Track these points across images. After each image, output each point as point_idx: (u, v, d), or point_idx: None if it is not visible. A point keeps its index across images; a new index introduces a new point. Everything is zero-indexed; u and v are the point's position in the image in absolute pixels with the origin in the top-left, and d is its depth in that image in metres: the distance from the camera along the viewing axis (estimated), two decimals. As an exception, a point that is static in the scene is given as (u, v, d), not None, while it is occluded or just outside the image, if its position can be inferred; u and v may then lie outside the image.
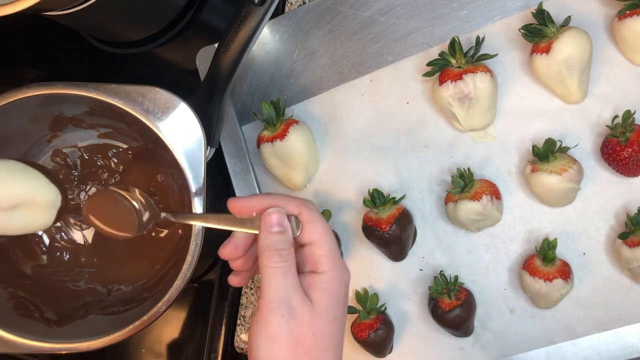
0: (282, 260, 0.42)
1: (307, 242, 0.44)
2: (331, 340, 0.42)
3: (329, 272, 0.43)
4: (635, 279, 0.56)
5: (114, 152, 0.67)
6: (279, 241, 0.43)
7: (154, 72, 0.74)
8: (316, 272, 0.43)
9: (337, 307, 0.43)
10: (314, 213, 0.44)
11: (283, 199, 0.45)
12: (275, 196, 0.45)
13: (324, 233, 0.44)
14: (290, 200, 0.45)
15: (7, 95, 0.56)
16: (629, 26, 0.54)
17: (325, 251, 0.43)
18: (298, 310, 0.41)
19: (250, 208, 0.45)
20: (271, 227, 0.43)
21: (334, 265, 0.43)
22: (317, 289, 0.43)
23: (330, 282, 0.43)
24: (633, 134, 0.54)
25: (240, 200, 0.45)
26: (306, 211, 0.44)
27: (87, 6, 0.59)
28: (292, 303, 0.41)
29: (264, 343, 0.41)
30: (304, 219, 0.44)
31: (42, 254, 0.66)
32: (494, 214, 0.58)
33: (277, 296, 0.41)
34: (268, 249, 0.43)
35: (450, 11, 0.62)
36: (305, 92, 0.66)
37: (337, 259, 0.44)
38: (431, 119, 0.62)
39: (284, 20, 0.67)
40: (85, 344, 0.56)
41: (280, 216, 0.44)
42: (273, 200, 0.45)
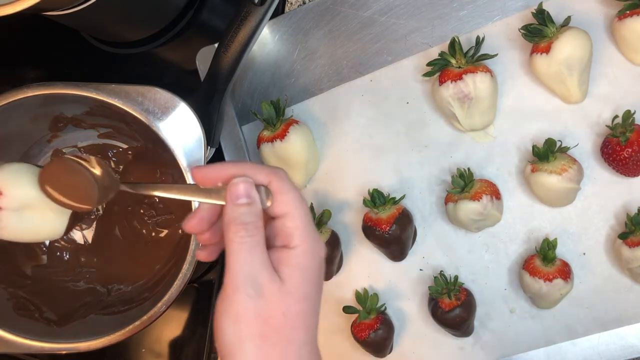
0: (248, 234, 0.39)
1: (278, 214, 0.41)
2: (303, 319, 0.40)
3: (300, 246, 0.40)
4: (635, 279, 0.56)
5: (114, 152, 0.67)
6: (246, 214, 0.40)
7: (154, 72, 0.74)
8: (287, 246, 0.40)
9: (309, 283, 0.40)
10: (285, 182, 0.41)
11: (251, 166, 0.41)
12: (242, 164, 0.42)
13: (296, 204, 0.40)
14: (259, 168, 0.41)
15: (7, 95, 0.56)
16: (629, 26, 0.54)
17: (297, 223, 0.40)
18: (266, 288, 0.38)
19: (214, 177, 0.41)
20: (237, 199, 0.40)
21: (307, 239, 0.40)
22: (288, 265, 0.40)
23: (302, 257, 0.40)
24: (633, 134, 0.54)
25: (204, 169, 0.41)
26: (277, 180, 0.41)
27: (87, 6, 0.59)
28: (259, 280, 0.39)
29: (230, 323, 0.39)
30: (274, 189, 0.41)
31: (42, 254, 0.66)
32: (494, 214, 0.58)
33: (243, 273, 0.38)
34: (233, 222, 0.39)
35: (450, 11, 0.62)
36: (305, 92, 0.66)
37: (311, 232, 0.41)
38: (431, 119, 0.62)
39: (284, 20, 0.67)
40: (85, 344, 0.56)
41: (247, 186, 0.40)
42: (240, 168, 0.41)
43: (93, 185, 0.48)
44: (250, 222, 0.39)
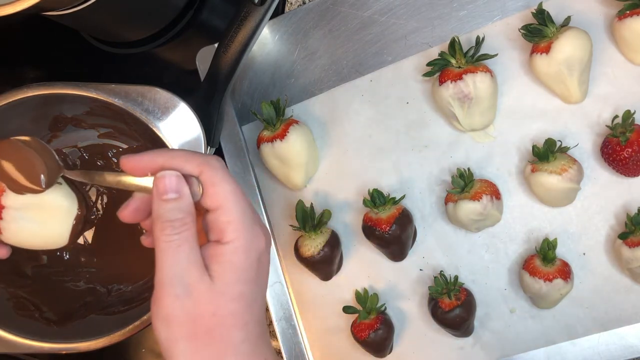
0: (175, 232, 0.37)
1: (211, 207, 0.38)
2: (237, 318, 0.38)
3: (234, 241, 0.38)
4: (635, 279, 0.56)
5: (114, 152, 0.67)
6: (172, 210, 0.37)
7: (154, 72, 0.74)
8: (220, 242, 0.38)
9: (243, 281, 0.38)
10: (218, 172, 0.38)
11: (181, 156, 0.39)
12: (172, 153, 0.39)
13: (229, 196, 0.38)
14: (189, 157, 0.38)
15: (7, 95, 0.56)
16: (629, 26, 0.54)
17: (230, 217, 0.38)
18: (194, 288, 0.37)
19: (143, 167, 0.39)
20: (163, 194, 0.38)
21: (241, 233, 0.38)
22: (220, 262, 0.38)
23: (234, 253, 0.38)
24: (633, 134, 0.54)
25: (132, 158, 0.39)
26: (208, 171, 0.38)
27: (87, 6, 0.59)
28: (186, 280, 0.37)
29: (162, 324, 0.37)
30: (205, 181, 0.38)
31: (42, 254, 0.66)
32: (494, 214, 0.58)
33: (170, 274, 0.37)
34: (160, 219, 0.38)
35: (450, 11, 0.62)
36: (305, 92, 0.66)
37: (246, 225, 0.38)
38: (431, 119, 0.62)
39: (284, 20, 0.67)
40: (85, 344, 0.56)
41: (174, 180, 0.38)
42: (169, 158, 0.38)
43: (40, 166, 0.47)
44: (177, 219, 0.38)
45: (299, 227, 0.61)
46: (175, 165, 0.38)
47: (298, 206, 0.61)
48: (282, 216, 0.67)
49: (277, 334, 0.65)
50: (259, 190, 0.67)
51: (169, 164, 0.38)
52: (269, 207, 0.67)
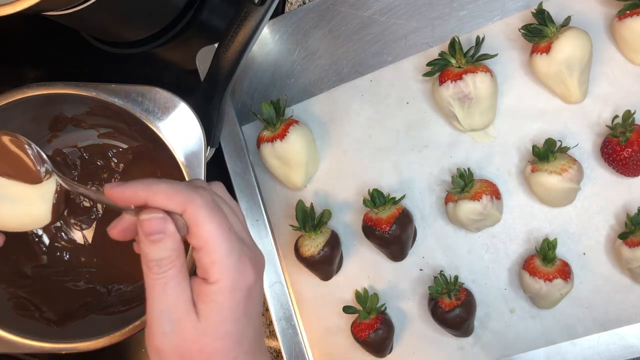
0: (161, 271, 0.38)
1: (195, 246, 0.38)
2: (225, 354, 0.38)
3: (218, 282, 0.38)
4: (635, 279, 0.56)
5: (114, 152, 0.67)
6: (158, 250, 0.38)
7: (154, 72, 0.74)
8: (207, 281, 0.38)
9: (230, 320, 0.38)
10: (201, 212, 0.37)
11: (164, 191, 0.38)
12: (155, 187, 0.38)
13: (212, 236, 0.37)
14: (172, 194, 0.38)
15: (7, 95, 0.56)
16: (629, 26, 0.54)
17: (213, 257, 0.37)
18: (181, 325, 0.37)
19: (126, 199, 0.39)
20: (148, 235, 0.38)
21: (226, 274, 0.38)
22: (205, 302, 0.38)
23: (219, 294, 0.38)
24: (633, 134, 0.54)
25: (115, 189, 0.38)
26: (192, 210, 0.37)
27: (87, 6, 0.59)
28: (173, 317, 0.37)
29: (153, 355, 0.38)
30: (188, 220, 0.38)
31: (42, 254, 0.66)
32: (494, 214, 0.58)
33: (157, 310, 0.38)
34: (146, 257, 0.38)
35: (450, 11, 0.62)
36: (305, 92, 0.66)
37: (231, 264, 0.38)
38: (431, 119, 0.62)
39: (284, 20, 0.67)
40: (85, 344, 0.56)
41: (158, 222, 0.38)
42: (152, 194, 0.38)
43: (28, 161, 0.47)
44: (164, 258, 0.38)
45: (299, 227, 0.61)
46: (158, 203, 0.38)
47: (298, 206, 0.61)
48: (282, 216, 0.67)
49: (277, 334, 0.65)
50: (259, 190, 0.67)
51: (151, 201, 0.38)
52: (269, 207, 0.67)
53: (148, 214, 0.38)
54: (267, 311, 0.69)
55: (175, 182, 0.39)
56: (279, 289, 0.65)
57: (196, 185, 0.40)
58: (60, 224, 0.67)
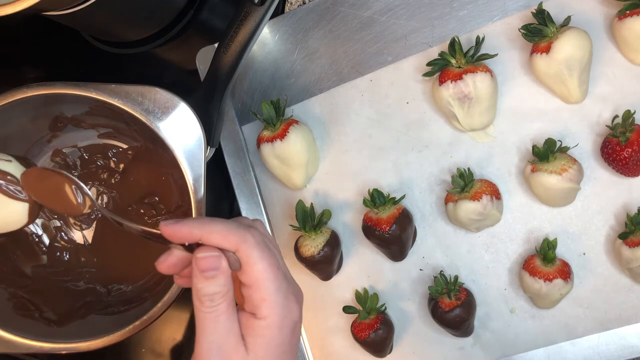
0: (214, 305, 0.39)
1: (246, 283, 0.40)
2: None
3: (267, 318, 0.39)
4: (635, 279, 0.56)
5: (114, 152, 0.67)
6: (211, 286, 0.39)
7: (154, 72, 0.74)
8: (255, 317, 0.40)
9: (276, 355, 0.40)
10: (254, 250, 0.39)
11: (220, 231, 0.40)
12: (210, 227, 0.40)
13: (263, 274, 0.39)
14: (227, 233, 0.40)
15: (7, 95, 0.56)
16: (629, 26, 0.54)
17: (263, 295, 0.39)
18: (230, 356, 0.39)
19: (181, 237, 0.40)
20: (203, 272, 0.39)
21: (274, 311, 0.40)
22: (253, 336, 0.40)
23: (268, 329, 0.40)
24: (633, 134, 0.54)
25: (171, 227, 0.40)
26: (245, 249, 0.39)
27: (87, 6, 0.59)
28: (224, 349, 0.39)
29: None
30: (241, 258, 0.40)
31: (42, 254, 0.66)
32: (494, 214, 0.58)
33: (208, 342, 0.39)
34: (199, 292, 0.39)
35: (450, 11, 0.62)
36: (305, 92, 0.66)
37: (280, 301, 0.40)
38: (431, 119, 0.62)
39: (284, 20, 0.67)
40: (85, 344, 0.56)
41: (213, 261, 0.39)
42: (207, 233, 0.40)
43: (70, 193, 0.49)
44: (217, 293, 0.39)
45: (299, 227, 0.61)
46: (214, 242, 0.40)
47: (298, 206, 0.61)
48: (282, 216, 0.67)
49: (277, 334, 0.65)
50: (259, 190, 0.67)
51: (207, 240, 0.40)
52: (269, 207, 0.67)
53: (205, 252, 0.40)
54: (267, 311, 0.69)
55: (227, 221, 0.41)
56: (279, 289, 0.65)
57: (246, 223, 0.42)
58: (60, 224, 0.67)
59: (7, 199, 0.52)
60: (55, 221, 0.67)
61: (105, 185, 0.67)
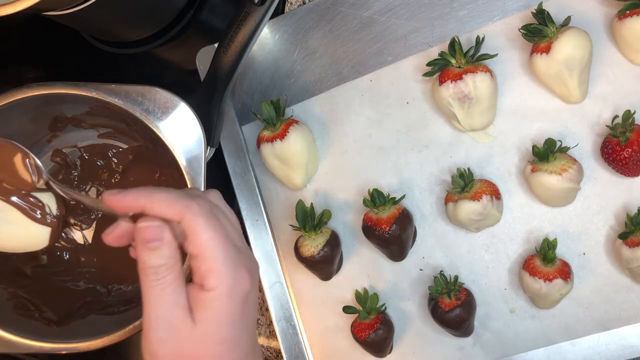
0: (158, 277, 0.38)
1: (192, 254, 0.38)
2: (222, 358, 0.39)
3: (215, 289, 0.38)
4: (635, 279, 0.56)
5: (114, 152, 0.67)
6: (155, 257, 0.38)
7: (154, 72, 0.74)
8: (203, 288, 0.38)
9: (226, 326, 0.39)
10: (198, 219, 0.38)
11: (163, 200, 0.38)
12: (153, 196, 0.38)
13: (209, 244, 0.38)
14: (171, 202, 0.38)
15: (7, 95, 0.56)
16: (629, 26, 0.54)
17: (210, 265, 0.38)
18: (177, 330, 0.38)
19: (125, 207, 0.39)
20: (146, 242, 0.38)
21: (223, 281, 0.38)
22: (202, 308, 0.38)
23: (216, 300, 0.38)
24: (633, 134, 0.54)
25: (114, 197, 0.39)
26: (189, 218, 0.38)
27: (87, 6, 0.59)
28: (170, 322, 0.38)
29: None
30: (186, 228, 0.38)
31: (42, 254, 0.66)
32: (494, 214, 0.58)
33: (154, 315, 0.38)
34: (144, 265, 0.38)
35: (450, 11, 0.62)
36: (305, 92, 0.66)
37: (228, 271, 0.38)
38: (431, 119, 0.62)
39: (284, 20, 0.67)
40: (85, 344, 0.56)
41: (155, 231, 0.38)
42: (150, 202, 0.38)
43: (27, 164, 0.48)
44: (161, 265, 0.38)
45: (299, 227, 0.61)
46: (156, 211, 0.38)
47: (298, 206, 0.61)
48: (282, 216, 0.67)
49: (277, 334, 0.65)
50: (259, 190, 0.67)
51: (149, 209, 0.38)
52: (269, 207, 0.67)
53: (146, 222, 0.38)
54: (267, 311, 0.69)
55: (173, 190, 0.39)
56: (279, 289, 0.65)
57: (193, 194, 0.41)
58: (60, 224, 0.67)
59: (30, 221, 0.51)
60: (55, 221, 0.67)
61: (105, 185, 0.67)
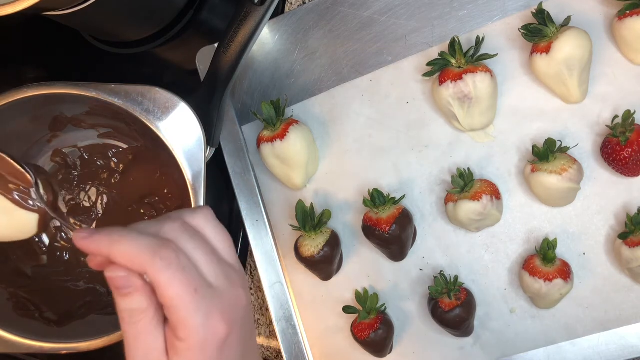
0: (133, 321, 0.38)
1: (162, 303, 0.37)
2: None
3: (185, 340, 0.37)
4: (635, 279, 0.56)
5: (114, 152, 0.67)
6: (128, 302, 0.38)
7: (154, 72, 0.74)
8: (176, 336, 0.38)
9: None
10: (161, 275, 0.36)
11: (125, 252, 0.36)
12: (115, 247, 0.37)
13: (175, 299, 0.36)
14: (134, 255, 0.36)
15: (7, 95, 0.56)
16: (629, 26, 0.54)
17: (179, 317, 0.37)
18: None
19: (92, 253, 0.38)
20: (117, 289, 0.37)
21: (192, 333, 0.37)
22: (176, 356, 0.38)
23: (188, 351, 0.37)
24: (633, 134, 0.54)
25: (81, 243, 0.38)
26: (152, 273, 0.36)
27: (87, 6, 0.59)
28: None
29: None
30: (151, 281, 0.37)
31: (42, 254, 0.66)
32: (494, 214, 0.58)
33: (132, 356, 0.38)
34: (118, 307, 0.38)
35: (450, 11, 0.62)
36: (305, 92, 0.66)
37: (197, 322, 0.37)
38: (431, 119, 0.62)
39: (284, 20, 0.67)
40: (85, 344, 0.56)
41: (123, 280, 0.37)
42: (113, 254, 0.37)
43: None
44: (135, 310, 0.38)
45: (299, 227, 0.61)
46: (119, 263, 0.37)
47: (298, 206, 0.61)
48: (282, 216, 0.67)
49: (277, 334, 0.65)
50: (259, 190, 0.67)
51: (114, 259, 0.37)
52: (269, 207, 0.67)
53: (112, 272, 0.38)
54: (267, 311, 0.69)
55: (139, 238, 0.37)
56: (279, 289, 0.65)
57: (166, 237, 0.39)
58: (60, 224, 0.67)
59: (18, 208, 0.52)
60: (55, 221, 0.67)
61: (105, 185, 0.67)
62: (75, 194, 0.67)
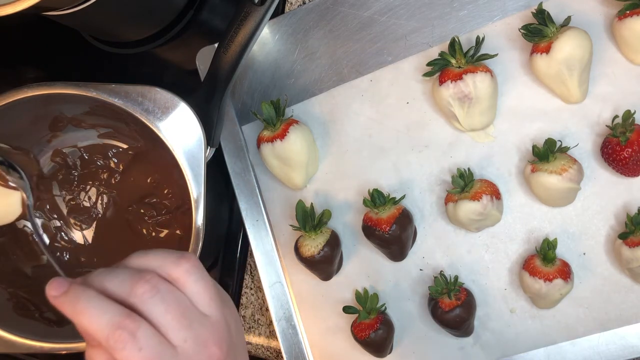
0: None
1: None
2: None
3: None
4: (635, 279, 0.56)
5: (114, 152, 0.67)
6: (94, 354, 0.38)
7: (154, 72, 0.74)
8: None
9: None
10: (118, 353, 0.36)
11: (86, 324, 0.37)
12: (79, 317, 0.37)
13: None
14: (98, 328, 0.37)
15: (7, 95, 0.56)
16: (629, 26, 0.54)
17: None
18: None
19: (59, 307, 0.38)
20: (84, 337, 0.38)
21: None
22: None
23: None
24: (633, 134, 0.54)
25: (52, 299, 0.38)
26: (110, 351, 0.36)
27: (87, 6, 0.59)
28: None
29: None
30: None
31: (42, 254, 0.66)
32: (494, 214, 0.58)
33: None
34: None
35: (450, 11, 0.62)
36: (305, 92, 0.66)
37: None
38: (431, 119, 0.62)
39: (284, 20, 0.67)
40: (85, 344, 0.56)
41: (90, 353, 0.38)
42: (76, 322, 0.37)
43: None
44: None
45: (299, 227, 0.61)
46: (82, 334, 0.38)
47: (298, 206, 0.61)
48: (282, 216, 0.67)
49: (277, 334, 0.65)
50: (259, 190, 0.67)
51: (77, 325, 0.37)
52: (269, 207, 0.67)
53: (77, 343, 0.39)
54: (267, 311, 0.69)
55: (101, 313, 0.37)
56: (279, 289, 0.65)
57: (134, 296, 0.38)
58: (60, 224, 0.67)
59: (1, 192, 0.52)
60: (55, 221, 0.67)
61: (106, 185, 0.67)
62: (75, 194, 0.67)
